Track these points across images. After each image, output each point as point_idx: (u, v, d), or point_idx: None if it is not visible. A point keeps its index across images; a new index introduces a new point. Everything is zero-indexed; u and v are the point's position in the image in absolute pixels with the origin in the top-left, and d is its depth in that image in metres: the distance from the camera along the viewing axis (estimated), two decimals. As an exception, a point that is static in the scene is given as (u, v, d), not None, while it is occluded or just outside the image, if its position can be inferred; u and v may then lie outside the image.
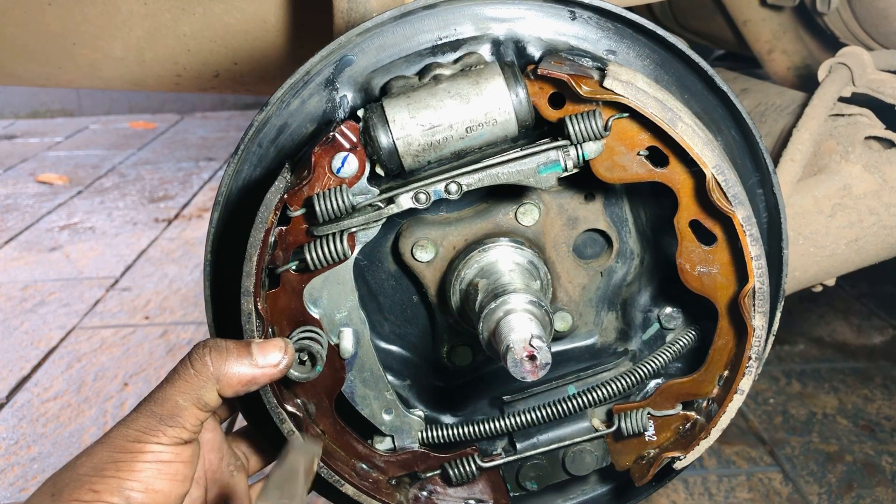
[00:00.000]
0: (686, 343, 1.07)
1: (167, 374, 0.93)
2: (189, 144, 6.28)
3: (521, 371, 0.86)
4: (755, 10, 2.14)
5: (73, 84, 2.01)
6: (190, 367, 0.90)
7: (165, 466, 0.89)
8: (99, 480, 0.86)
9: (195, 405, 0.90)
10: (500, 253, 1.04)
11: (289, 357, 0.91)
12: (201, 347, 0.91)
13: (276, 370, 0.91)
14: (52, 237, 4.27)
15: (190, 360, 0.91)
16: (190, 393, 0.90)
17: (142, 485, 0.87)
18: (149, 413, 0.90)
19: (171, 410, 0.90)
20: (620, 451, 1.06)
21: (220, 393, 0.90)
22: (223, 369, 0.89)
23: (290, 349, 0.92)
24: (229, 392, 0.90)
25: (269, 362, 0.90)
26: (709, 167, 0.90)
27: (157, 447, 0.89)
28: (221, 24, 1.71)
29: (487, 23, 0.96)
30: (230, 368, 0.89)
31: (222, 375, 0.89)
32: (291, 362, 0.92)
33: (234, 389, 0.90)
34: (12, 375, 2.88)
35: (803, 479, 2.26)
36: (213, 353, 0.90)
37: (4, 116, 7.26)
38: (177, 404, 0.90)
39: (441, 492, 1.06)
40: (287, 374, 0.92)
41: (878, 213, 1.48)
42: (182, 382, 0.90)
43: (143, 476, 0.87)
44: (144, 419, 0.90)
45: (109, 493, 0.86)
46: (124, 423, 0.91)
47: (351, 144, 0.90)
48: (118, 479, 0.86)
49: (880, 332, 3.04)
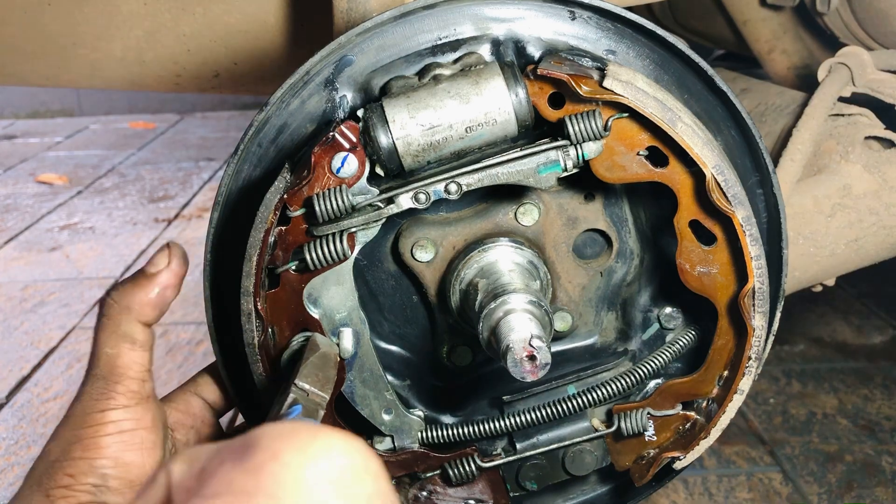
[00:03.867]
0: (686, 343, 1.07)
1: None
2: (189, 144, 6.27)
3: (520, 371, 0.86)
4: (755, 9, 2.14)
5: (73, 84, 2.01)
6: (102, 317, 0.91)
7: (129, 436, 0.88)
8: (70, 464, 0.85)
9: (124, 344, 0.89)
10: (499, 253, 1.04)
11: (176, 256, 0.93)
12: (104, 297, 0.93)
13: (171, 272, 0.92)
14: (52, 237, 4.27)
15: (99, 312, 0.92)
16: (112, 337, 0.90)
17: (111, 460, 0.86)
18: (92, 378, 0.90)
19: (107, 366, 0.90)
20: (620, 451, 1.06)
21: (139, 319, 0.90)
22: (127, 298, 0.91)
23: (175, 249, 0.93)
24: (148, 313, 0.91)
25: (158, 268, 0.92)
26: (708, 167, 0.90)
27: (114, 413, 0.87)
28: (221, 24, 1.71)
29: (487, 23, 0.96)
30: (133, 294, 0.91)
31: (131, 302, 0.90)
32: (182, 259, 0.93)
33: (149, 309, 0.91)
34: (12, 375, 2.88)
35: (803, 479, 2.26)
36: (114, 292, 0.92)
37: (4, 116, 7.26)
38: (108, 356, 0.90)
39: (441, 492, 1.06)
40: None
41: (878, 213, 1.48)
42: (101, 332, 0.91)
43: (111, 451, 0.86)
44: (91, 386, 0.90)
45: (83, 475, 0.85)
46: (77, 398, 0.90)
47: (351, 144, 0.90)
48: (87, 459, 0.86)
49: (880, 332, 3.04)
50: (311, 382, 0.86)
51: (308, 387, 0.85)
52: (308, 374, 0.86)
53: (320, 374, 0.88)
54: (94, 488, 0.85)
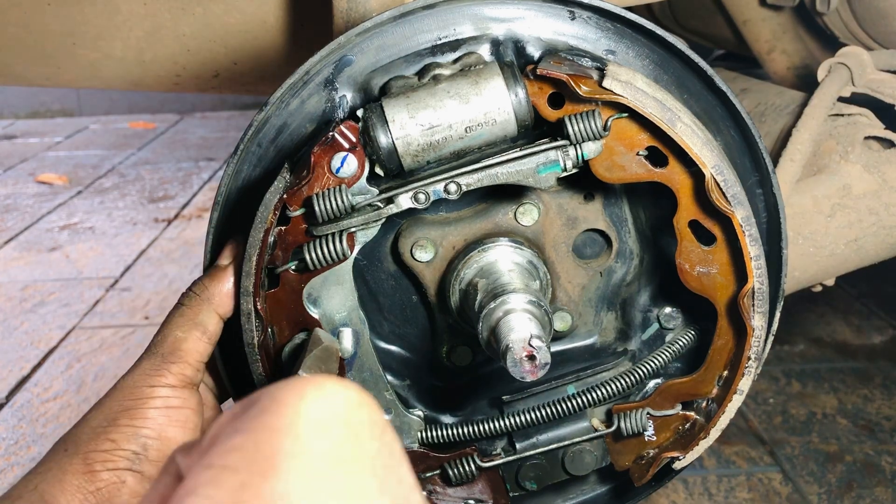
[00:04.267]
0: (685, 343, 1.07)
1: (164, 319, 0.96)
2: (189, 144, 6.27)
3: (520, 371, 0.86)
4: (755, 10, 2.14)
5: (73, 84, 2.01)
6: (181, 306, 0.95)
7: (175, 413, 0.89)
8: (114, 430, 0.87)
9: (195, 331, 0.92)
10: (499, 253, 1.04)
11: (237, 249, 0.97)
12: (194, 284, 0.97)
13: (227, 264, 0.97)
14: (52, 237, 4.27)
15: (183, 296, 0.96)
16: (187, 322, 0.93)
17: (154, 431, 0.88)
18: (150, 355, 0.92)
19: (171, 346, 0.92)
20: (620, 451, 1.06)
21: (217, 311, 0.94)
22: (208, 290, 0.95)
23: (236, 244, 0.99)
24: (226, 303, 0.95)
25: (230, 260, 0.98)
26: (708, 167, 0.90)
27: (164, 391, 0.89)
28: (221, 24, 1.71)
29: (487, 23, 0.96)
30: (212, 286, 0.95)
31: (211, 294, 0.95)
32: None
33: (228, 299, 0.95)
34: (12, 375, 2.88)
35: (803, 479, 2.26)
36: (195, 286, 0.96)
37: (4, 116, 7.26)
38: (176, 338, 0.92)
39: (441, 492, 1.06)
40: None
41: (878, 213, 1.48)
42: (178, 317, 0.94)
43: (156, 423, 0.88)
44: (147, 362, 0.92)
45: (126, 441, 0.86)
46: (129, 372, 0.92)
47: (350, 144, 0.90)
48: (132, 426, 0.87)
49: (880, 332, 3.04)
50: (313, 374, 0.86)
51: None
52: (311, 367, 0.87)
53: (323, 367, 0.88)
54: (133, 455, 0.86)
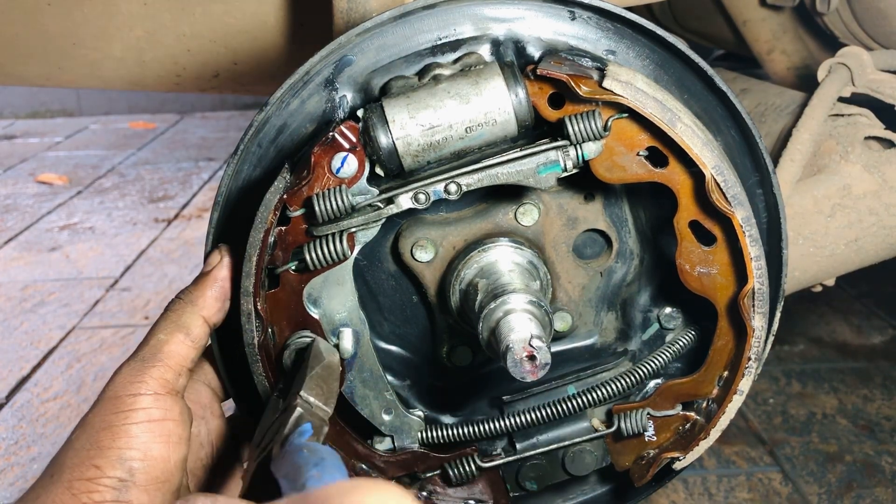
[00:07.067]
0: (686, 343, 1.07)
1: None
2: (189, 144, 6.28)
3: (520, 371, 0.86)
4: (755, 10, 2.14)
5: (73, 84, 2.01)
6: (165, 311, 0.96)
7: (157, 426, 0.87)
8: (98, 454, 0.84)
9: (178, 333, 0.92)
10: (499, 253, 1.04)
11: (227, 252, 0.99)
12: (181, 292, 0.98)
13: (225, 266, 0.98)
14: (52, 237, 4.27)
15: (170, 303, 0.97)
16: (170, 325, 0.93)
17: (140, 452, 0.85)
18: (132, 359, 0.91)
19: (152, 349, 0.91)
20: (620, 452, 1.06)
21: (202, 314, 0.95)
22: (191, 295, 0.96)
23: (224, 248, 0.99)
24: (212, 305, 0.96)
25: (213, 265, 0.98)
26: (708, 167, 0.90)
27: (145, 400, 0.87)
28: (221, 24, 1.71)
29: (487, 23, 0.96)
30: (196, 291, 0.96)
31: (195, 298, 0.96)
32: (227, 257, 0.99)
33: (213, 301, 0.96)
34: (12, 375, 2.88)
35: (803, 479, 2.26)
36: (180, 293, 0.98)
37: (4, 116, 7.27)
38: (158, 340, 0.92)
39: (441, 492, 1.06)
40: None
41: (878, 214, 1.48)
42: (161, 321, 0.94)
43: (139, 442, 0.85)
44: (128, 367, 0.90)
45: (111, 467, 0.84)
46: (112, 380, 0.90)
47: (350, 144, 0.90)
48: (116, 448, 0.85)
49: (880, 332, 3.04)
50: (315, 395, 0.85)
51: (313, 400, 0.85)
52: (313, 387, 0.86)
53: (324, 387, 0.87)
54: (119, 483, 0.83)
